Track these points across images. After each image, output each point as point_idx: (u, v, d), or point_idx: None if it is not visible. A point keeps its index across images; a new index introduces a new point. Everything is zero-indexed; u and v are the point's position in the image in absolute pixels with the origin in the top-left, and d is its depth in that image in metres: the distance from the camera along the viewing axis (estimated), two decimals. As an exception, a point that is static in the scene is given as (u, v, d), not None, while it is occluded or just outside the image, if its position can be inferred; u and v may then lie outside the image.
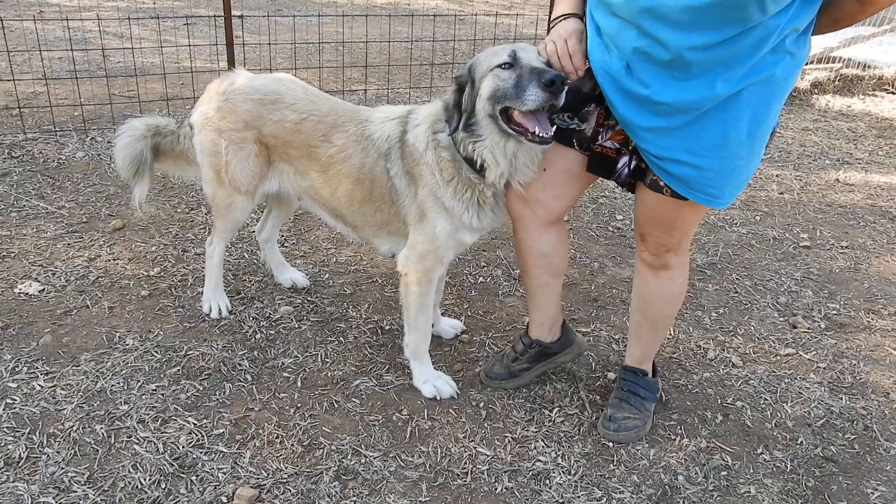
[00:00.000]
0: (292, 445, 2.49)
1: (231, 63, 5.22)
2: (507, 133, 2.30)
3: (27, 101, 5.54)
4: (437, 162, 2.47)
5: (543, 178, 2.45)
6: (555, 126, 2.32)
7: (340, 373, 2.87)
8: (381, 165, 2.59)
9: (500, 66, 2.25)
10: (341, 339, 3.09)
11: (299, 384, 2.79)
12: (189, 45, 5.72)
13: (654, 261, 2.48)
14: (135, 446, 2.42)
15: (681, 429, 2.72)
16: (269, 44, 5.85)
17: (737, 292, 3.76)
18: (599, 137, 2.34)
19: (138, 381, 2.73)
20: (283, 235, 3.93)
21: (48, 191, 4.23)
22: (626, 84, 2.10)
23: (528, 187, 2.46)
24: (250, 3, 9.28)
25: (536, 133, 2.22)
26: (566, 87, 2.17)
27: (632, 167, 2.33)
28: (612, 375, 2.98)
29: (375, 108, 2.76)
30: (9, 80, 5.19)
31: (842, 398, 2.97)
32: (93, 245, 3.67)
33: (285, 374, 2.83)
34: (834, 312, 3.62)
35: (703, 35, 1.92)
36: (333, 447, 2.49)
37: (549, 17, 6.44)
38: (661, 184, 2.23)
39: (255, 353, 2.95)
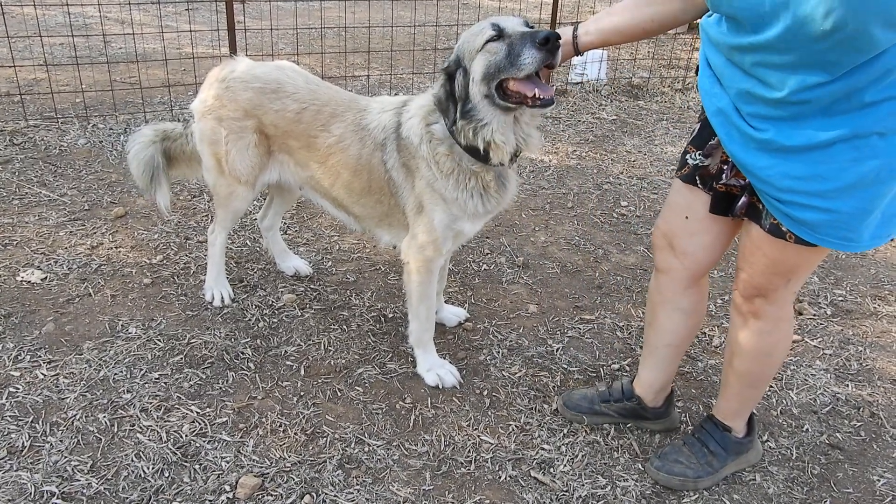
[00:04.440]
0: (295, 434, 2.48)
1: (232, 49, 5.18)
2: (507, 107, 2.24)
3: (29, 87, 5.52)
4: (434, 156, 2.42)
5: (689, 227, 2.23)
6: (687, 164, 2.17)
7: (343, 361, 2.86)
8: (378, 157, 2.56)
9: (488, 41, 2.17)
10: (344, 327, 3.08)
11: (302, 372, 2.78)
12: (190, 31, 5.68)
13: (744, 305, 2.18)
14: (138, 435, 2.42)
15: (686, 416, 2.71)
16: (271, 29, 5.80)
17: (742, 279, 3.73)
18: (724, 176, 2.09)
19: (141, 369, 2.72)
20: (285, 223, 3.91)
21: (50, 178, 4.22)
22: (736, 121, 1.89)
23: (674, 238, 2.27)
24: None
25: (537, 96, 2.13)
26: (560, 46, 2.08)
27: (746, 203, 2.07)
28: (615, 366, 2.97)
29: (374, 97, 2.73)
30: (10, 67, 5.16)
31: (848, 385, 2.95)
32: (95, 233, 3.66)
33: (288, 363, 2.82)
34: (840, 299, 3.59)
35: (816, 74, 1.68)
36: (337, 436, 2.49)
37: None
38: (784, 229, 1.93)
39: (258, 341, 2.94)
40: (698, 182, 2.17)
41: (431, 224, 2.52)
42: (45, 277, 3.24)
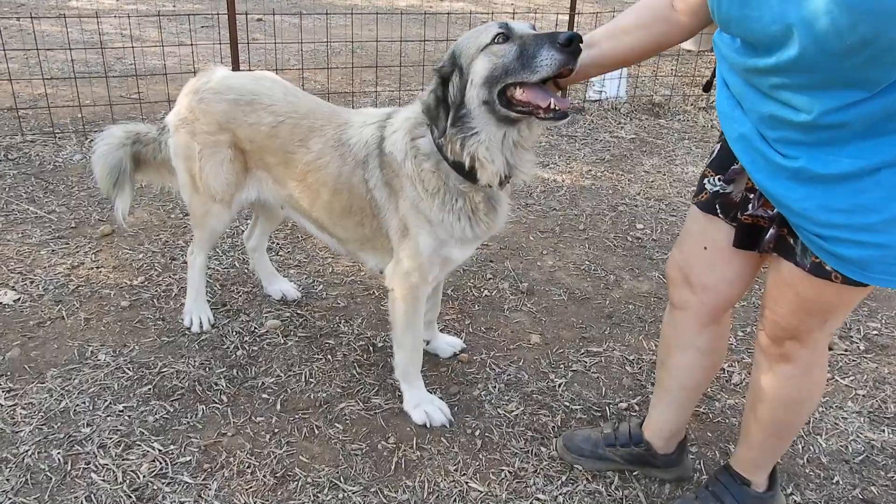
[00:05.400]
0: (264, 476, 2.25)
1: (235, 64, 5.04)
2: (509, 118, 1.99)
3: (33, 102, 5.43)
4: (418, 173, 2.19)
5: (707, 258, 1.98)
6: (706, 190, 1.94)
7: (324, 394, 2.63)
8: (359, 175, 2.33)
9: (493, 41, 1.95)
10: (329, 356, 2.85)
11: (278, 407, 2.55)
12: (192, 44, 5.57)
13: (771, 347, 1.93)
14: (92, 474, 2.21)
15: (700, 463, 2.43)
16: (275, 44, 5.67)
17: (766, 309, 3.44)
18: (750, 206, 1.84)
19: (105, 400, 2.52)
20: (277, 244, 3.72)
21: (40, 194, 4.08)
22: (762, 148, 1.67)
23: (690, 270, 2.02)
24: (267, 5, 9.14)
25: (551, 106, 1.88)
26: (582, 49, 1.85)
27: (775, 236, 1.82)
28: (623, 404, 2.70)
29: (357, 110, 2.52)
30: (12, 81, 5.07)
31: (884, 430, 2.65)
32: (77, 252, 3.49)
33: (264, 396, 2.60)
34: (874, 333, 3.28)
35: (848, 93, 1.48)
36: (309, 479, 2.25)
37: (570, 14, 6.15)
38: (828, 268, 1.68)
39: (235, 371, 2.72)
40: (719, 211, 1.92)
41: (417, 248, 2.29)
42: (19, 298, 3.07)
